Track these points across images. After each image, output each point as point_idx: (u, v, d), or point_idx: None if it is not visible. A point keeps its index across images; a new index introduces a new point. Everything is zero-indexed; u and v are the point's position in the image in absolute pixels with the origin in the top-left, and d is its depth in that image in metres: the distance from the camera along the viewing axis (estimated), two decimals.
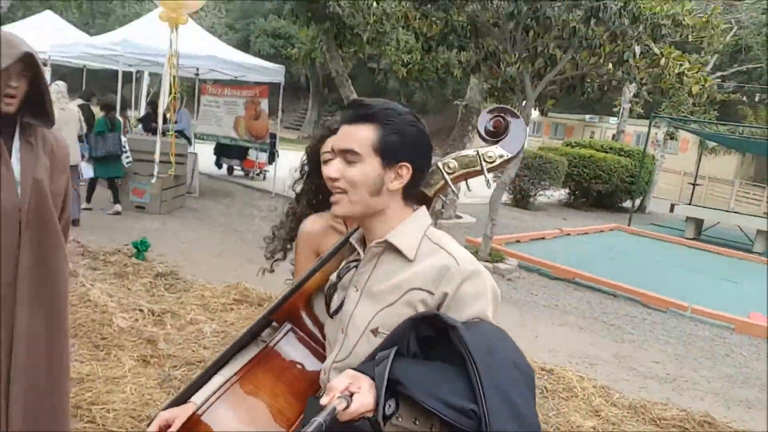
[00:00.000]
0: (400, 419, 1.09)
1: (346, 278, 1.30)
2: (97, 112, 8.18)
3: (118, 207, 7.88)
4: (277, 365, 1.33)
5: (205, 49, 9.65)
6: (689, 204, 14.87)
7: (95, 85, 14.65)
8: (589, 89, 7.71)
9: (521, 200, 14.15)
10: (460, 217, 11.47)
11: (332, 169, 1.23)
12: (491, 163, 1.36)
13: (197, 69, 11.15)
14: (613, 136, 21.23)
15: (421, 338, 1.15)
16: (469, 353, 1.06)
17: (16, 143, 1.92)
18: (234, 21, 32.50)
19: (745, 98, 23.80)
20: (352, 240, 1.34)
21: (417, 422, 1.10)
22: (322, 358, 1.36)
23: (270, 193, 11.05)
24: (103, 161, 7.57)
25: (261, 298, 4.97)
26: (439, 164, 1.40)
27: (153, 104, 10.92)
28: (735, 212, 15.68)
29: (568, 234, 11.09)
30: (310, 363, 1.36)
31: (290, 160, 2.02)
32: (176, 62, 8.12)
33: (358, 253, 1.31)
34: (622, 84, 6.86)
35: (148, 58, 9.46)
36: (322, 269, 1.39)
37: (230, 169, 13.12)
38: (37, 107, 1.93)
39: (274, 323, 1.44)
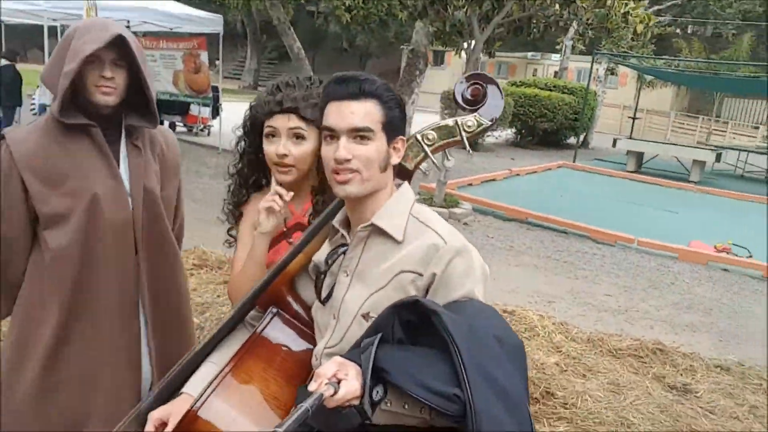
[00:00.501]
0: (389, 404, 1.09)
1: (335, 264, 1.28)
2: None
3: None
4: (266, 352, 1.32)
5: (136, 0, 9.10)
6: (630, 138, 15.36)
7: (16, 41, 13.67)
8: (535, 30, 7.73)
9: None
10: None
11: (342, 150, 1.18)
12: (470, 132, 1.36)
13: (128, 21, 10.51)
14: (556, 72, 21.48)
15: (405, 323, 1.15)
16: (451, 337, 1.06)
17: (123, 148, 1.70)
18: None
19: (678, 31, 24.41)
20: (335, 224, 1.31)
21: (406, 406, 1.10)
22: (309, 338, 1.36)
23: (216, 148, 10.75)
24: None
25: (221, 261, 4.91)
26: (418, 136, 1.39)
27: None
28: (672, 144, 16.32)
29: (518, 174, 11.32)
30: (299, 345, 1.36)
31: (235, 114, 1.88)
32: (95, 14, 7.56)
33: (343, 236, 1.29)
34: (569, 24, 6.88)
35: (75, 12, 8.85)
36: (304, 250, 1.36)
37: (172, 126, 12.63)
38: (139, 105, 1.69)
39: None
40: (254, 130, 1.55)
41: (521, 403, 1.09)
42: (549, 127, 15.57)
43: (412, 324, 1.15)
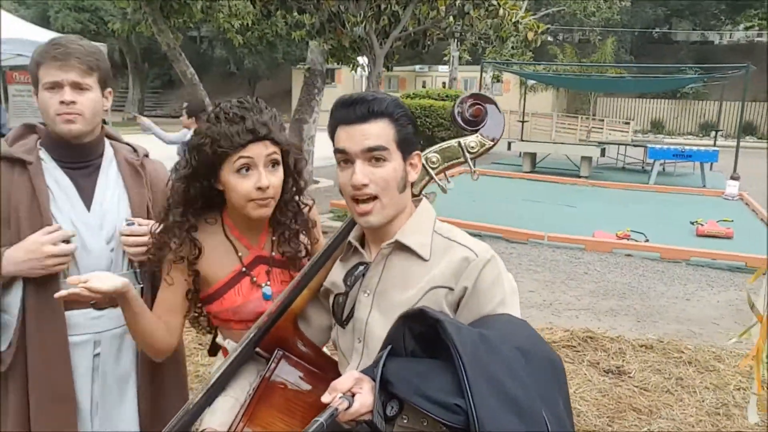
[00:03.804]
0: (406, 420, 1.08)
1: (355, 284, 1.25)
2: None
3: None
4: (278, 398, 1.28)
5: (9, 31, 8.40)
6: (521, 140, 16.18)
7: None
8: (429, 42, 7.96)
9: None
10: (317, 182, 11.42)
11: (358, 175, 1.16)
12: (474, 152, 1.36)
13: None
14: (444, 83, 22.28)
15: (417, 335, 1.13)
16: (455, 345, 1.04)
17: (108, 178, 1.55)
18: None
19: (550, 38, 26.20)
20: (352, 240, 1.28)
21: (425, 423, 1.07)
22: (317, 378, 1.31)
23: None
24: None
25: None
26: (422, 159, 1.37)
27: None
28: (561, 143, 17.37)
29: None
30: (309, 386, 1.32)
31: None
32: None
33: (357, 252, 1.26)
34: (464, 36, 7.16)
35: None
36: (309, 286, 1.31)
37: None
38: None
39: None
40: (209, 166, 1.36)
41: (536, 413, 1.04)
42: (446, 135, 16.08)
43: (424, 335, 1.13)
